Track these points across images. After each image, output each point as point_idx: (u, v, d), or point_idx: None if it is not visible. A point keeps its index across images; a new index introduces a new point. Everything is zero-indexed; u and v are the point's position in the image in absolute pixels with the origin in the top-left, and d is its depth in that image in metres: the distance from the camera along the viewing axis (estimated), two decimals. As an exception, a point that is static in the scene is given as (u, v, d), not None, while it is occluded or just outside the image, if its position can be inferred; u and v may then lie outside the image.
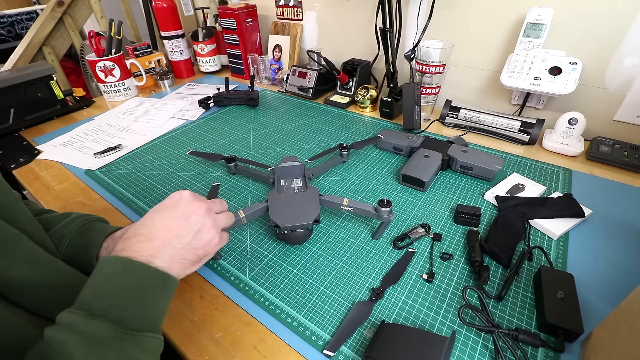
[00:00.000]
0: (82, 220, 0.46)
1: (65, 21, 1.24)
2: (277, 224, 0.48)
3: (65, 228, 0.45)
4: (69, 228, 0.45)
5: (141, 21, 1.36)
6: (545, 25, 0.69)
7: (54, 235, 0.44)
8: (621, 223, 0.54)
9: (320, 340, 0.40)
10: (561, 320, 0.38)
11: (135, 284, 0.30)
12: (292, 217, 0.49)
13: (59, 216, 0.48)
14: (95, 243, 0.44)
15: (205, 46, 1.19)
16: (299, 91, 1.03)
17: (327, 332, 0.41)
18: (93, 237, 0.44)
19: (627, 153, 0.67)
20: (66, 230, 0.44)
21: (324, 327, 0.41)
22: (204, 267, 0.50)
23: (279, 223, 0.48)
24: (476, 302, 0.43)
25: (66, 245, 0.43)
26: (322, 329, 0.41)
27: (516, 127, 0.75)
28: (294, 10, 1.15)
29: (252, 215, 0.51)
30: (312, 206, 0.50)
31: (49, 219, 0.46)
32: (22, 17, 2.02)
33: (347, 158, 0.71)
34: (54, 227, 0.45)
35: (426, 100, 0.84)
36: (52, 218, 0.47)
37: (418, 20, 0.89)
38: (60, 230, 0.45)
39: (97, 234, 0.45)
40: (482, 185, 0.63)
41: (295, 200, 0.52)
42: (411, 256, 0.49)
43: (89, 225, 0.46)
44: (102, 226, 0.47)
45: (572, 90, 0.69)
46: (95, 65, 0.99)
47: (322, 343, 0.40)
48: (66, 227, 0.45)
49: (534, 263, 0.48)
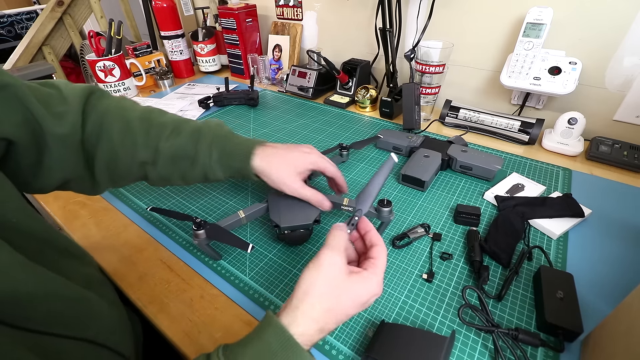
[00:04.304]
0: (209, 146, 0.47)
1: (65, 21, 1.24)
2: (277, 224, 0.48)
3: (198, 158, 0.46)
4: (202, 160, 0.46)
5: (141, 21, 1.36)
6: (545, 25, 0.69)
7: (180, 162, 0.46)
8: (621, 223, 0.54)
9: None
10: (561, 320, 0.38)
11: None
12: (292, 217, 0.49)
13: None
14: (246, 167, 0.47)
15: (205, 46, 1.19)
16: (298, 91, 1.03)
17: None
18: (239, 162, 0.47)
19: (626, 153, 0.67)
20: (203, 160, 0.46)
21: (324, 327, 0.41)
22: (204, 267, 0.50)
23: (279, 223, 0.48)
24: (476, 301, 0.43)
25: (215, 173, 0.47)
26: (322, 329, 0.41)
27: (516, 127, 0.75)
28: (293, 10, 1.15)
29: (252, 215, 0.51)
30: (312, 206, 0.50)
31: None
32: (22, 17, 2.02)
33: (346, 158, 0.71)
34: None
35: (426, 100, 0.84)
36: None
37: (418, 20, 0.89)
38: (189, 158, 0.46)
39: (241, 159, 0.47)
40: (481, 185, 0.63)
41: (295, 200, 0.52)
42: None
43: (223, 150, 0.47)
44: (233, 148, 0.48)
45: (571, 90, 0.70)
46: (95, 65, 0.99)
47: (321, 342, 0.40)
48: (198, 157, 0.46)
49: (534, 263, 0.48)
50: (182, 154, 0.46)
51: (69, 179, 0.43)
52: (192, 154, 0.46)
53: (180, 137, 0.46)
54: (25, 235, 0.33)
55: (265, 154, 0.47)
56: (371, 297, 0.34)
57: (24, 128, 0.35)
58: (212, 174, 0.47)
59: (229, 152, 0.47)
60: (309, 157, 0.49)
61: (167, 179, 0.48)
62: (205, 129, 0.47)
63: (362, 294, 0.33)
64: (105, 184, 0.47)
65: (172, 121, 0.47)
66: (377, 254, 0.35)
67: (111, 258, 0.52)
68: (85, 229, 0.58)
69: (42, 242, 0.36)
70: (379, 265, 0.35)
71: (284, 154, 0.48)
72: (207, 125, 0.48)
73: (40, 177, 0.40)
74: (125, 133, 0.44)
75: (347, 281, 0.32)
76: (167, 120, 0.47)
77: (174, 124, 0.47)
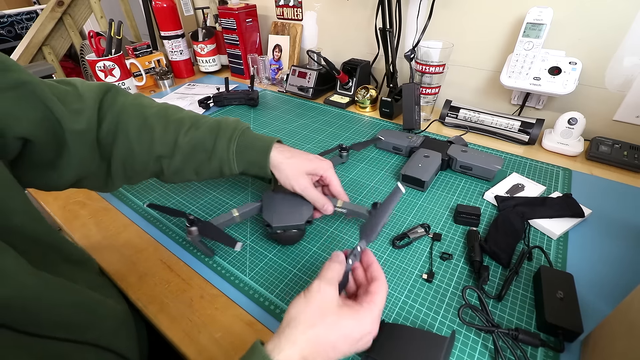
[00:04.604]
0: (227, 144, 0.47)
1: (65, 21, 1.24)
2: (269, 224, 0.49)
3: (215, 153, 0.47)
4: (220, 154, 0.47)
5: (141, 21, 1.36)
6: (545, 25, 0.69)
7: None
8: (621, 223, 0.54)
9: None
10: (561, 320, 0.38)
11: None
12: (284, 217, 0.49)
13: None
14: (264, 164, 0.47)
15: (205, 46, 1.19)
16: (298, 91, 1.03)
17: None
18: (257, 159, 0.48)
19: (626, 153, 0.67)
20: (219, 155, 0.47)
21: (324, 327, 0.41)
22: (204, 267, 0.50)
23: (271, 223, 0.48)
24: (476, 301, 0.43)
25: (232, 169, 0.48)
26: (322, 329, 0.41)
27: (516, 127, 0.75)
28: (293, 10, 1.15)
29: (245, 214, 0.52)
30: (305, 207, 0.50)
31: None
32: (22, 17, 2.02)
33: (346, 159, 0.71)
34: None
35: (426, 100, 0.84)
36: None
37: (418, 20, 0.89)
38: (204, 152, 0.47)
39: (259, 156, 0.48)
40: (481, 185, 0.63)
41: (289, 200, 0.52)
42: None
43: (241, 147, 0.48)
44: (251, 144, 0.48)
45: (571, 90, 0.70)
46: (95, 65, 0.99)
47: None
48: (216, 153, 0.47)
49: (534, 263, 0.48)
50: (200, 147, 0.46)
51: (84, 176, 0.43)
52: (210, 147, 0.47)
53: (199, 131, 0.47)
54: (30, 239, 0.33)
55: (283, 149, 0.49)
56: (365, 335, 0.32)
57: (43, 126, 0.35)
58: (227, 167, 0.48)
59: (248, 144, 0.48)
60: (322, 164, 0.50)
61: (180, 173, 0.48)
62: (224, 124, 0.48)
63: (354, 330, 0.31)
64: (120, 181, 0.47)
65: (189, 117, 0.48)
66: (377, 289, 0.34)
67: (111, 258, 0.52)
68: (85, 229, 0.58)
69: (47, 247, 0.36)
70: (377, 301, 0.33)
71: (301, 154, 0.50)
72: (225, 120, 0.49)
73: (56, 175, 0.40)
74: (142, 129, 0.45)
75: (337, 313, 0.31)
76: (184, 116, 0.48)
77: (192, 119, 0.48)
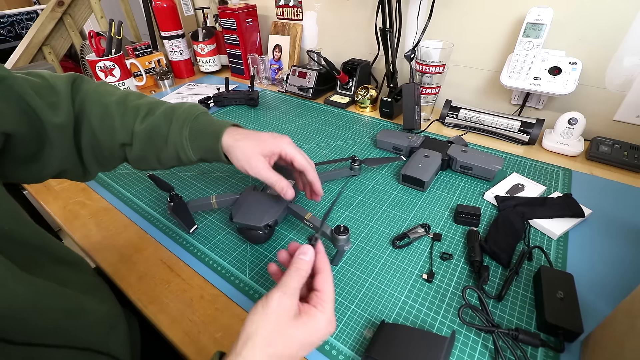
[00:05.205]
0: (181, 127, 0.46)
1: (65, 21, 1.24)
2: (232, 217, 0.51)
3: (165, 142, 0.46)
4: (173, 138, 0.46)
5: (141, 21, 1.36)
6: (545, 25, 0.69)
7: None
8: (621, 223, 0.54)
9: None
10: (561, 320, 0.38)
11: None
12: (246, 215, 0.50)
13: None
14: (216, 149, 0.46)
15: (205, 46, 1.19)
16: (299, 91, 1.03)
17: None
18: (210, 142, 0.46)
19: (626, 153, 0.67)
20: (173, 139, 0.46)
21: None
22: (204, 267, 0.50)
23: (233, 216, 0.50)
24: (476, 302, 0.43)
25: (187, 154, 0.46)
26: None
27: (516, 127, 0.75)
28: (294, 10, 1.15)
29: (223, 202, 0.55)
30: (272, 211, 0.51)
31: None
32: (22, 17, 2.02)
33: (357, 172, 0.67)
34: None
35: (426, 100, 0.84)
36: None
37: (418, 20, 0.89)
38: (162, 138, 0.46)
39: (212, 139, 0.46)
40: (482, 185, 0.63)
41: (262, 201, 0.52)
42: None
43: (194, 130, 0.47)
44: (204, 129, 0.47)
45: (571, 90, 0.70)
46: (95, 65, 0.99)
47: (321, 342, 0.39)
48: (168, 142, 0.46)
49: (534, 263, 0.48)
50: (156, 133, 0.46)
51: (66, 167, 0.43)
52: (165, 132, 0.46)
53: (155, 116, 0.46)
54: (18, 243, 0.32)
55: (235, 132, 0.47)
56: (323, 336, 0.32)
57: (23, 120, 0.35)
58: (183, 154, 0.46)
59: (201, 129, 0.46)
60: (277, 141, 0.47)
61: (144, 160, 0.48)
62: (178, 109, 0.47)
63: (312, 336, 0.31)
64: (95, 168, 0.47)
65: (147, 103, 0.48)
66: (322, 286, 0.33)
67: (111, 258, 0.52)
68: (85, 229, 0.58)
69: (36, 250, 0.35)
70: (326, 299, 0.32)
71: (254, 135, 0.47)
72: (181, 105, 0.48)
73: (38, 167, 0.40)
74: (104, 117, 0.44)
75: (294, 326, 0.30)
76: (142, 102, 0.47)
77: (149, 105, 0.47)
